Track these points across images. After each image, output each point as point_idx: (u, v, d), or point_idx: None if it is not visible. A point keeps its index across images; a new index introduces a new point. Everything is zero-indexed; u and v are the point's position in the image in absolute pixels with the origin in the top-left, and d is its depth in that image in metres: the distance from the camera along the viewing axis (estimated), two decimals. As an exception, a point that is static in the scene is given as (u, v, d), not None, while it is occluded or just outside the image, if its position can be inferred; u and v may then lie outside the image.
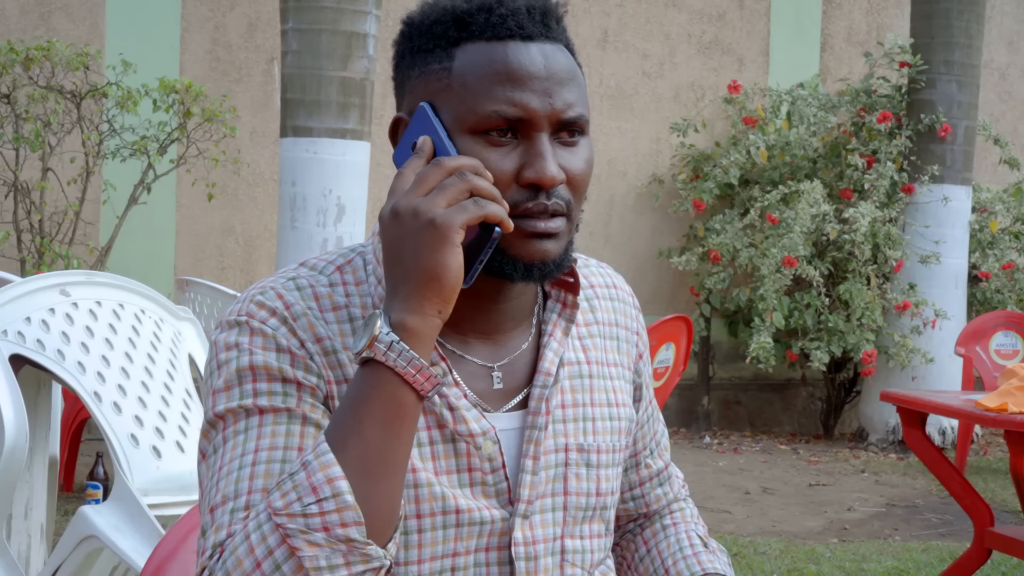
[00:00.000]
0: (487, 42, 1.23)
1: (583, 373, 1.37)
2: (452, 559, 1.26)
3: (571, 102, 1.24)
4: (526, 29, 1.23)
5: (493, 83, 1.22)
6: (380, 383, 1.13)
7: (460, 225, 1.14)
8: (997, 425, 3.55)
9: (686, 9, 8.37)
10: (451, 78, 1.23)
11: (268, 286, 1.28)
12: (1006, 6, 9.33)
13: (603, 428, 1.37)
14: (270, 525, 1.10)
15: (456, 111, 1.22)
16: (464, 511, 1.26)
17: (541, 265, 1.24)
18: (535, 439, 1.31)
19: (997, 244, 7.74)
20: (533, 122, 1.22)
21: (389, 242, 1.17)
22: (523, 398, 1.33)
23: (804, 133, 7.60)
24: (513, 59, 1.22)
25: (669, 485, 1.55)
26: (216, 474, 1.19)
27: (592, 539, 1.36)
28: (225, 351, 1.24)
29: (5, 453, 2.58)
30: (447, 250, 1.13)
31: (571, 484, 1.33)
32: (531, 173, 1.22)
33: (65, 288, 2.98)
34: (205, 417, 1.24)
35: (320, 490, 1.09)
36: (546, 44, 1.24)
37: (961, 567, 3.93)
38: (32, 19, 6.96)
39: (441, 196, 1.15)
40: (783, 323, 7.20)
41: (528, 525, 1.30)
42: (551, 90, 1.23)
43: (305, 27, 5.43)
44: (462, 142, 1.22)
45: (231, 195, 7.26)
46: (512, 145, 1.23)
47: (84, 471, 5.29)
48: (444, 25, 1.25)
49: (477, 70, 1.22)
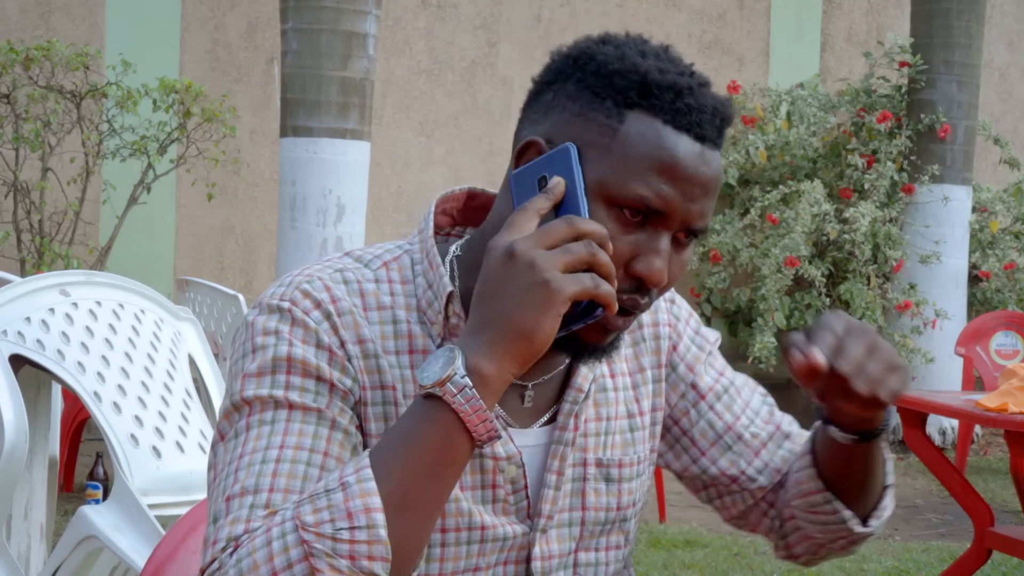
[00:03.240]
0: (663, 124, 1.17)
1: (606, 387, 1.35)
2: (473, 573, 1.26)
3: (706, 212, 1.20)
4: (704, 129, 1.19)
5: (653, 168, 1.16)
6: (439, 422, 1.10)
7: (571, 297, 1.10)
8: (997, 425, 3.55)
9: (686, 9, 8.37)
10: (613, 140, 1.17)
11: (316, 275, 1.24)
12: (1006, 6, 9.32)
13: (623, 441, 1.36)
14: (295, 537, 1.07)
15: (604, 174, 1.17)
16: (489, 527, 1.25)
17: (592, 349, 1.22)
18: (560, 454, 1.29)
19: (997, 244, 7.74)
20: (668, 220, 1.18)
21: (492, 279, 1.12)
22: (552, 414, 1.31)
23: (804, 133, 7.60)
24: (681, 155, 1.17)
25: (792, 443, 1.47)
26: (236, 461, 1.16)
27: (609, 551, 1.35)
28: (263, 335, 1.21)
29: (5, 453, 2.57)
30: (549, 315, 1.09)
31: (589, 499, 1.32)
32: (643, 267, 1.18)
33: (65, 288, 2.97)
34: (230, 398, 1.21)
35: (356, 517, 1.06)
36: (713, 151, 1.20)
37: (961, 567, 3.93)
38: (32, 19, 6.95)
39: (562, 259, 1.10)
40: (784, 323, 7.20)
41: (545, 540, 1.29)
42: (697, 196, 1.19)
43: (305, 27, 5.43)
44: (594, 205, 1.17)
45: (231, 195, 7.26)
46: (636, 231, 1.18)
47: (84, 471, 5.29)
48: (628, 82, 1.18)
49: (643, 147, 1.17)
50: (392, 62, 7.57)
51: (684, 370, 1.43)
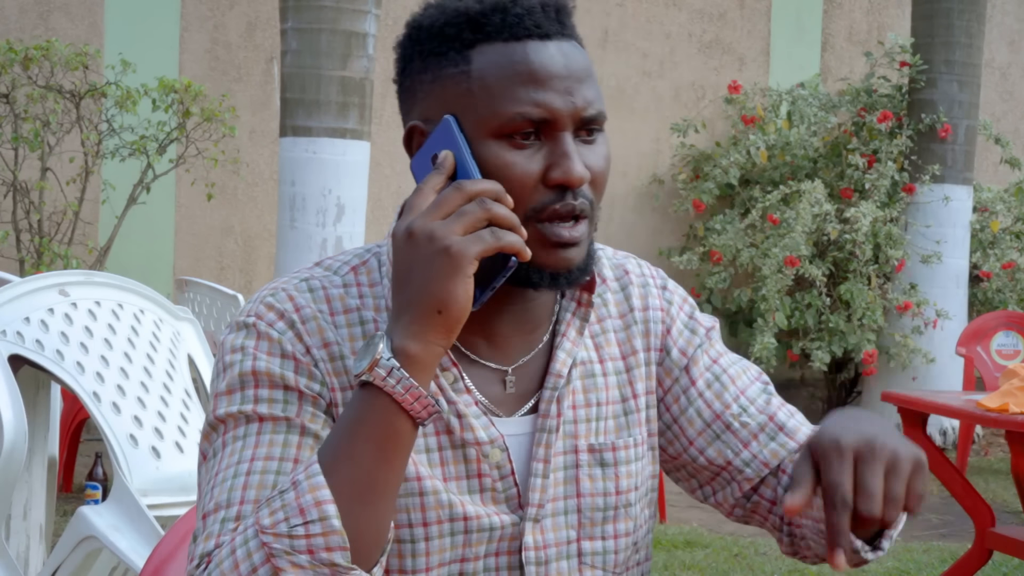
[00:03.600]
0: (504, 43, 1.21)
1: (595, 372, 1.35)
2: (460, 565, 1.25)
3: (591, 99, 1.22)
4: (543, 27, 1.21)
5: (515, 85, 1.19)
6: (376, 408, 1.13)
7: (475, 256, 1.13)
8: (998, 425, 3.54)
9: (686, 8, 8.36)
10: (470, 82, 1.21)
11: (280, 287, 1.27)
12: (1007, 5, 9.32)
13: (617, 425, 1.35)
14: (256, 542, 1.10)
15: (478, 115, 1.20)
16: (472, 518, 1.25)
17: (567, 273, 1.23)
18: (545, 442, 1.29)
19: (998, 244, 7.74)
20: (557, 122, 1.20)
21: (401, 263, 1.16)
22: (536, 401, 1.31)
23: (804, 133, 7.60)
24: (534, 59, 1.20)
25: (786, 436, 1.39)
26: (212, 479, 1.19)
27: (618, 539, 1.33)
28: (231, 353, 1.24)
29: (4, 453, 2.57)
30: (458, 280, 1.12)
31: (584, 485, 1.31)
32: (558, 174, 1.20)
33: (64, 288, 2.97)
34: (207, 419, 1.24)
35: (307, 512, 1.09)
36: (563, 42, 1.23)
37: (962, 568, 3.92)
38: (31, 18, 6.95)
39: (458, 223, 1.13)
40: (785, 323, 7.19)
41: (539, 529, 1.28)
42: (572, 88, 1.21)
43: (305, 26, 5.42)
44: (485, 147, 1.20)
45: (230, 195, 7.25)
46: (536, 147, 1.21)
47: (83, 471, 5.28)
48: (457, 27, 1.22)
49: (497, 72, 1.20)
50: (392, 62, 7.56)
51: (677, 355, 1.40)
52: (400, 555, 1.24)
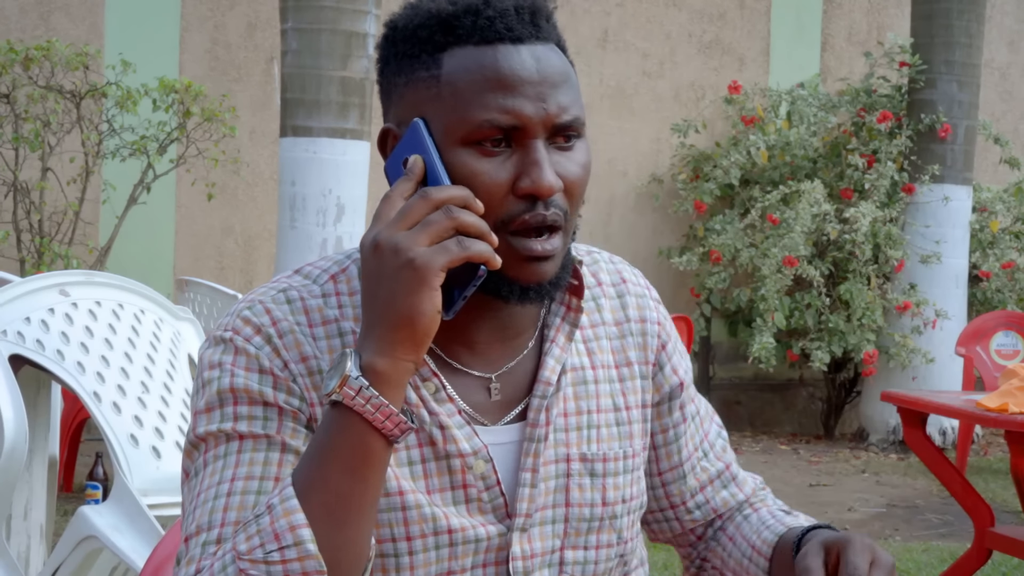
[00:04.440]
0: (475, 46, 1.17)
1: (587, 379, 1.31)
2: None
3: (565, 105, 1.18)
4: (515, 31, 1.18)
5: (484, 91, 1.15)
6: (348, 428, 1.10)
7: (440, 268, 1.09)
8: (998, 425, 3.55)
9: (686, 9, 8.36)
10: (440, 86, 1.17)
11: (257, 299, 1.24)
12: (1007, 5, 9.32)
13: (610, 435, 1.32)
14: (234, 568, 1.08)
15: (446, 121, 1.16)
16: (457, 530, 1.22)
17: (537, 287, 1.19)
18: (533, 452, 1.26)
19: (997, 244, 7.74)
20: (527, 129, 1.16)
21: (367, 276, 1.12)
22: (523, 409, 1.27)
23: (804, 133, 7.60)
24: (504, 64, 1.16)
25: (737, 487, 1.45)
26: (194, 500, 1.17)
27: (600, 549, 1.31)
28: (208, 370, 1.21)
29: (5, 453, 2.57)
30: (423, 294, 1.09)
31: (573, 495, 1.28)
32: (527, 183, 1.16)
33: (64, 288, 2.97)
34: (188, 437, 1.22)
35: (282, 537, 1.07)
36: (537, 45, 1.19)
37: (961, 567, 3.93)
38: (32, 19, 6.95)
39: (424, 233, 1.10)
40: (784, 323, 7.20)
41: (527, 539, 1.26)
42: (544, 94, 1.17)
43: (305, 27, 5.42)
44: (454, 154, 1.16)
45: (231, 195, 7.25)
46: (506, 154, 1.17)
47: (84, 471, 5.28)
48: (429, 29, 1.19)
49: (466, 77, 1.16)
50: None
51: (669, 372, 1.40)
52: (384, 570, 1.21)
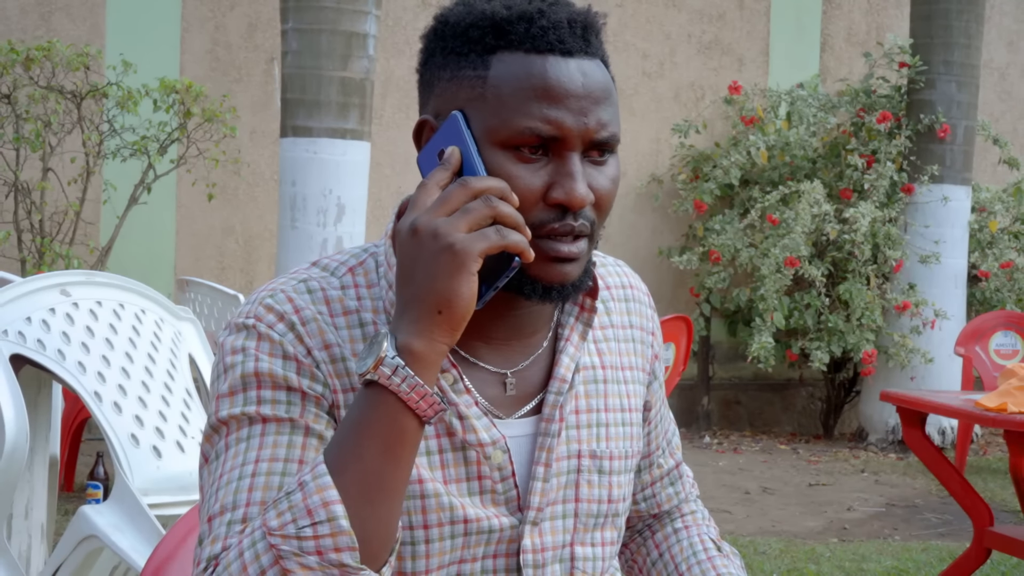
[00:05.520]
0: (525, 54, 1.19)
1: (598, 378, 1.35)
2: (459, 566, 1.25)
3: (605, 121, 1.20)
4: (567, 44, 1.19)
5: (529, 99, 1.18)
6: (382, 407, 1.12)
7: (479, 253, 1.11)
8: (997, 425, 3.55)
9: (686, 9, 8.37)
10: (485, 88, 1.19)
11: (279, 288, 1.25)
12: (1006, 6, 9.33)
13: (616, 434, 1.35)
14: (264, 544, 1.09)
15: (488, 123, 1.19)
16: (473, 520, 1.24)
17: (560, 288, 1.22)
18: (547, 446, 1.29)
19: (996, 244, 7.75)
20: (566, 141, 1.19)
21: (404, 259, 1.14)
22: (537, 403, 1.30)
23: (804, 133, 7.61)
24: (552, 75, 1.18)
25: (680, 484, 1.53)
26: (216, 482, 1.18)
27: (604, 546, 1.34)
28: (231, 355, 1.22)
29: (5, 453, 2.58)
30: (462, 278, 1.11)
31: (583, 491, 1.31)
32: (560, 194, 1.19)
33: (65, 288, 2.98)
34: (208, 421, 1.23)
35: (315, 513, 1.09)
36: (585, 60, 1.20)
37: (961, 567, 3.93)
38: (32, 19, 6.96)
39: (463, 220, 1.12)
40: (784, 323, 7.20)
41: (538, 532, 1.28)
42: (587, 109, 1.19)
43: (305, 27, 5.43)
44: (491, 154, 1.19)
45: (231, 195, 7.26)
46: (542, 162, 1.19)
47: (84, 471, 5.29)
48: (481, 30, 1.21)
49: (513, 83, 1.18)
50: (392, 62, 7.57)
51: (657, 386, 1.46)
52: (400, 556, 1.23)
